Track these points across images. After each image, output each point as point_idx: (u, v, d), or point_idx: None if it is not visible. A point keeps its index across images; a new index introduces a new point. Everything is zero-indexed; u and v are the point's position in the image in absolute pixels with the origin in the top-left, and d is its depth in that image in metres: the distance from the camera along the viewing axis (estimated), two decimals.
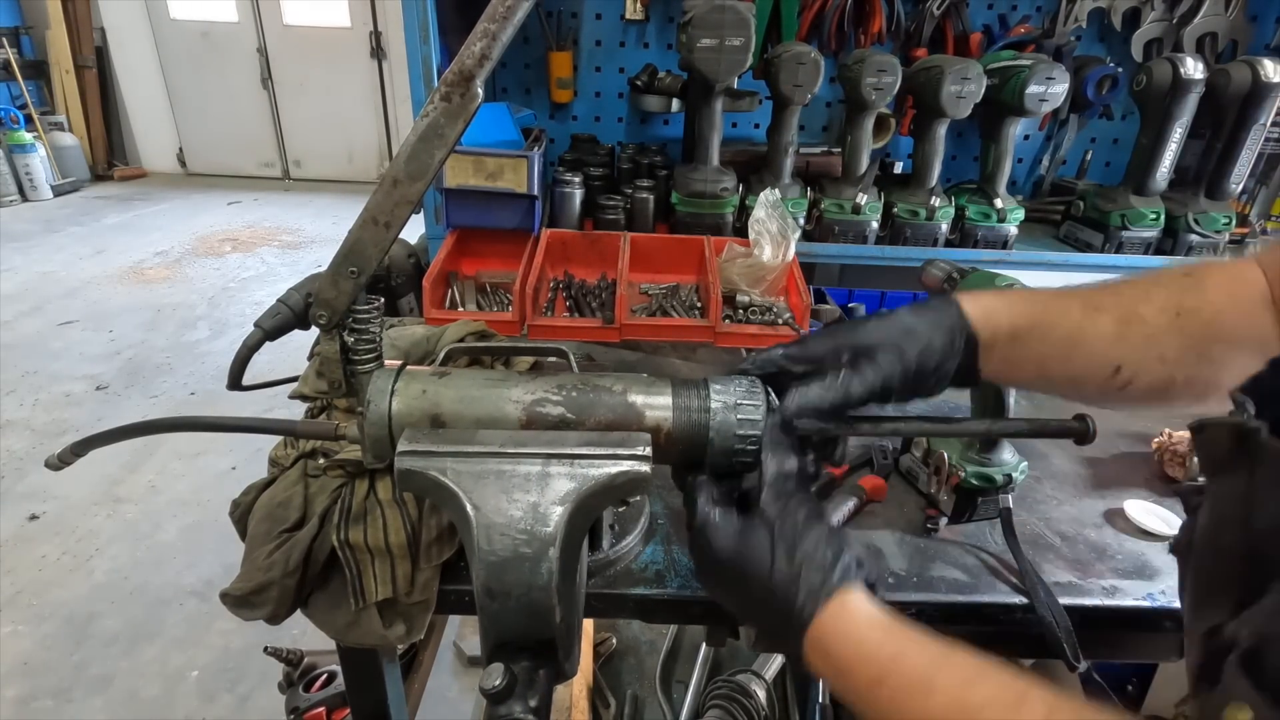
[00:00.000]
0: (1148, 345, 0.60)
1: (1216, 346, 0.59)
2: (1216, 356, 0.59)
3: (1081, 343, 0.61)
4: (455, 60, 0.58)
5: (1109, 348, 0.61)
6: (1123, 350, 0.61)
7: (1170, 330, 0.60)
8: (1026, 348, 0.63)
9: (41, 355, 3.72)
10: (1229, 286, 0.60)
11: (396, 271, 1.81)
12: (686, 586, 0.83)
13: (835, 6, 1.95)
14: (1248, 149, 1.77)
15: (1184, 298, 0.60)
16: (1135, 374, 0.61)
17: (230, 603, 0.75)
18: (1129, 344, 0.61)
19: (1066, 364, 0.62)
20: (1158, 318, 0.60)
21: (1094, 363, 0.61)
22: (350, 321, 0.69)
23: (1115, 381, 0.61)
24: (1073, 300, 0.63)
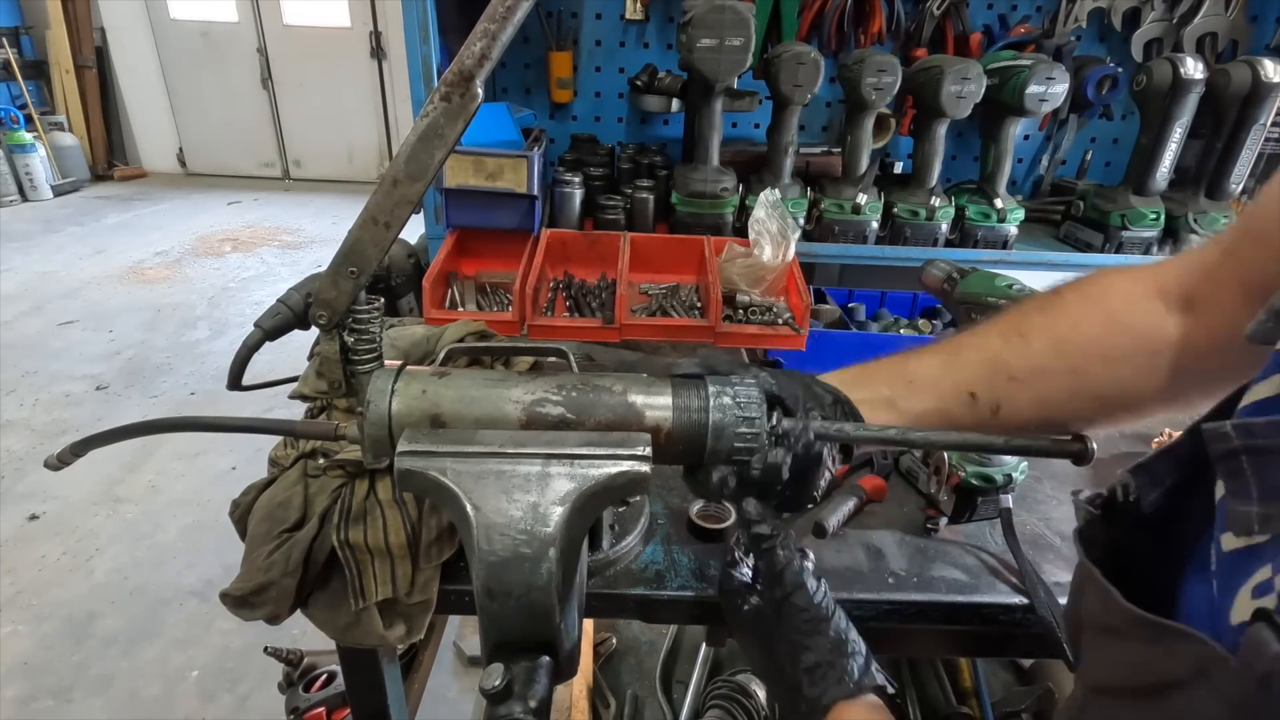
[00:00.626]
0: (989, 367, 0.62)
1: (1075, 357, 0.60)
2: (1081, 367, 0.59)
3: (916, 381, 0.63)
4: (455, 60, 0.58)
5: (943, 378, 0.63)
6: (960, 377, 0.62)
7: (1014, 350, 0.61)
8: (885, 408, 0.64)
9: (41, 355, 3.72)
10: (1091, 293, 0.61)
11: (396, 271, 1.81)
12: (686, 586, 0.83)
13: (835, 6, 1.95)
14: (1248, 149, 1.77)
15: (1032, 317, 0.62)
16: (998, 399, 0.61)
17: (230, 603, 0.75)
18: (965, 370, 0.62)
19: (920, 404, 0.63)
20: (994, 342, 0.63)
21: (944, 397, 0.63)
22: (350, 321, 0.69)
23: (981, 409, 0.62)
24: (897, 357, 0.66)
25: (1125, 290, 0.60)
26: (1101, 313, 0.60)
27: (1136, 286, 0.59)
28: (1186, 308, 0.57)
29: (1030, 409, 0.61)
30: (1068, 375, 0.60)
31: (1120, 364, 0.58)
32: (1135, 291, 0.59)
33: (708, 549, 0.88)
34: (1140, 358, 0.58)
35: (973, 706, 1.51)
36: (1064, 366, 0.60)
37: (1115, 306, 0.60)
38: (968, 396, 0.62)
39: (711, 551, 0.88)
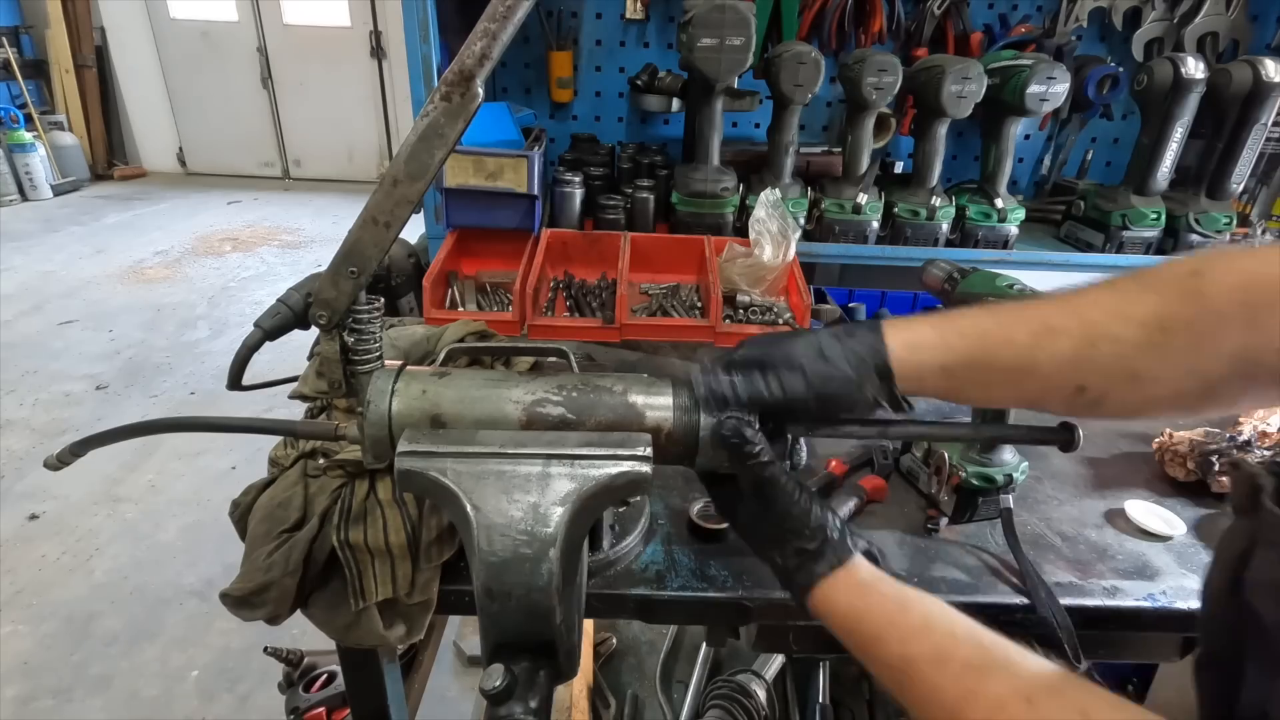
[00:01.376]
0: (1117, 363, 0.55)
1: (1210, 359, 0.53)
2: (1210, 369, 0.53)
3: (1032, 370, 0.58)
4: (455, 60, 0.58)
5: (1066, 372, 0.57)
6: (1085, 372, 0.56)
7: (1149, 346, 0.54)
8: (965, 381, 0.60)
9: (41, 355, 3.72)
10: (1240, 288, 0.52)
11: (396, 271, 1.81)
12: (687, 587, 0.83)
13: (836, 6, 1.95)
14: (1249, 149, 1.77)
15: (1175, 307, 0.54)
16: (1105, 392, 0.57)
17: (230, 603, 0.74)
18: (1093, 365, 0.56)
19: (1017, 390, 0.60)
20: (1135, 334, 0.54)
21: (1050, 387, 0.58)
22: (350, 321, 0.69)
23: (1081, 400, 0.57)
24: (1022, 324, 0.58)
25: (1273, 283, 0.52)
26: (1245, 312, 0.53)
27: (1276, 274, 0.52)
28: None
29: (1131, 404, 0.57)
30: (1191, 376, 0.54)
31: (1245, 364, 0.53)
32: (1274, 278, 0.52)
33: (708, 549, 0.88)
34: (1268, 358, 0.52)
35: None
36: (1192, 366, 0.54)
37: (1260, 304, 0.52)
38: (1074, 390, 0.57)
39: (712, 551, 0.88)
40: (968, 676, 0.51)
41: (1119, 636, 0.88)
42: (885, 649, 0.55)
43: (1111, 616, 0.83)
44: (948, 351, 0.59)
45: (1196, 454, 1.02)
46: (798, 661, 1.63)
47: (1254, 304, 0.52)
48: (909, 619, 0.56)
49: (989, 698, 0.49)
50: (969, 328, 0.59)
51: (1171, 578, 0.87)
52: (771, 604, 0.82)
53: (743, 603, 0.82)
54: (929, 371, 0.60)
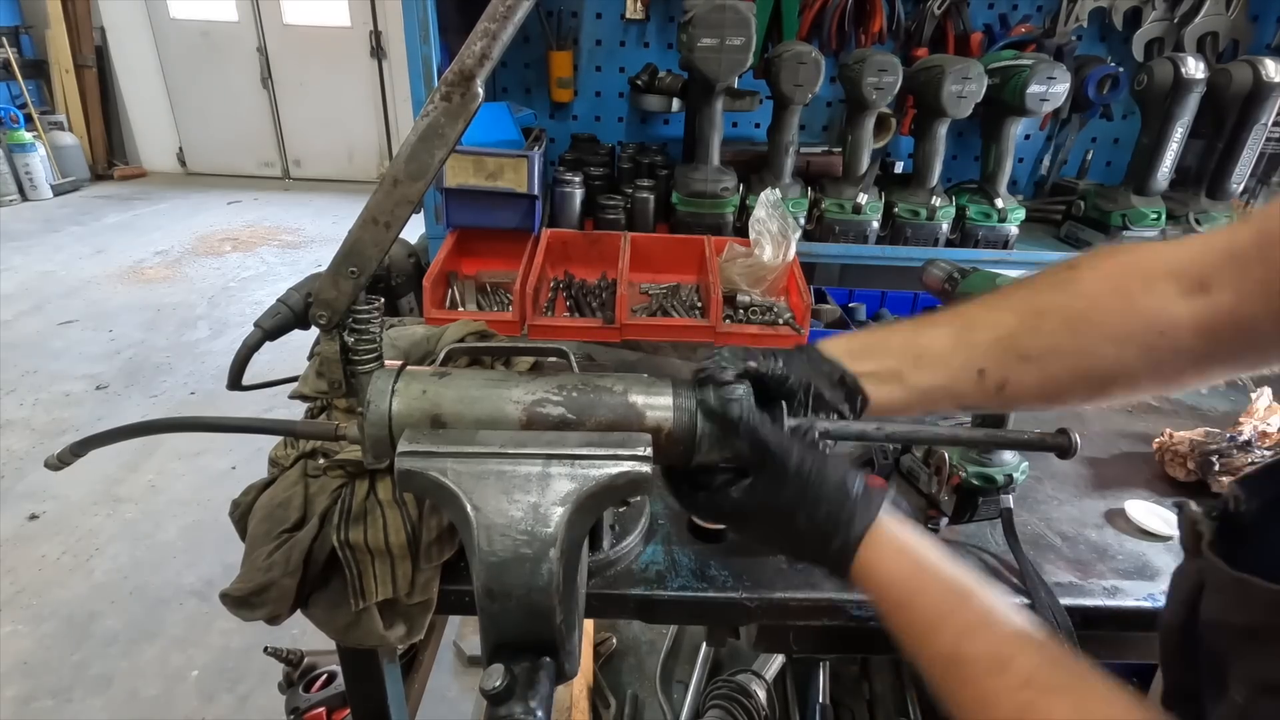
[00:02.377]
0: (1002, 346, 0.60)
1: (1087, 338, 0.58)
2: (1091, 348, 0.59)
3: (926, 356, 0.62)
4: (455, 60, 0.58)
5: (954, 355, 0.62)
6: (971, 355, 0.61)
7: (1027, 329, 0.60)
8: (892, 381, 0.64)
9: (41, 355, 3.72)
10: (1113, 276, 0.59)
11: (396, 271, 1.81)
12: (687, 587, 0.83)
13: (836, 6, 1.95)
14: (1249, 148, 1.77)
15: (1047, 294, 0.61)
16: (1005, 376, 0.61)
17: (230, 603, 0.74)
18: (977, 348, 0.61)
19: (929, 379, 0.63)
20: (1011, 318, 0.61)
21: (953, 373, 0.62)
22: (350, 321, 0.69)
23: (987, 386, 0.61)
24: (908, 326, 0.65)
25: (1143, 268, 0.59)
26: (1118, 294, 0.59)
27: (1154, 264, 0.59)
28: (1200, 288, 0.56)
29: (1034, 387, 0.61)
30: (1078, 355, 0.60)
31: (1129, 344, 0.58)
32: (1152, 269, 0.58)
33: (708, 549, 0.88)
34: (1148, 337, 0.57)
35: None
36: (1075, 347, 0.59)
37: (1132, 286, 0.59)
38: (976, 374, 0.61)
39: (712, 551, 0.88)
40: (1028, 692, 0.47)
41: (1119, 636, 0.88)
42: (937, 642, 0.51)
43: (1111, 616, 0.83)
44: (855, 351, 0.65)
45: (1196, 454, 1.02)
46: (798, 661, 1.63)
47: (1124, 288, 0.58)
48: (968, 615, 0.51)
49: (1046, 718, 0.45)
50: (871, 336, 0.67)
51: None
52: (771, 604, 0.82)
53: (743, 603, 0.82)
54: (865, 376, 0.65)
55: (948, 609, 0.52)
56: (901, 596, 0.54)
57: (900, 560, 0.55)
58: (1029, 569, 0.84)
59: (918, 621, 0.53)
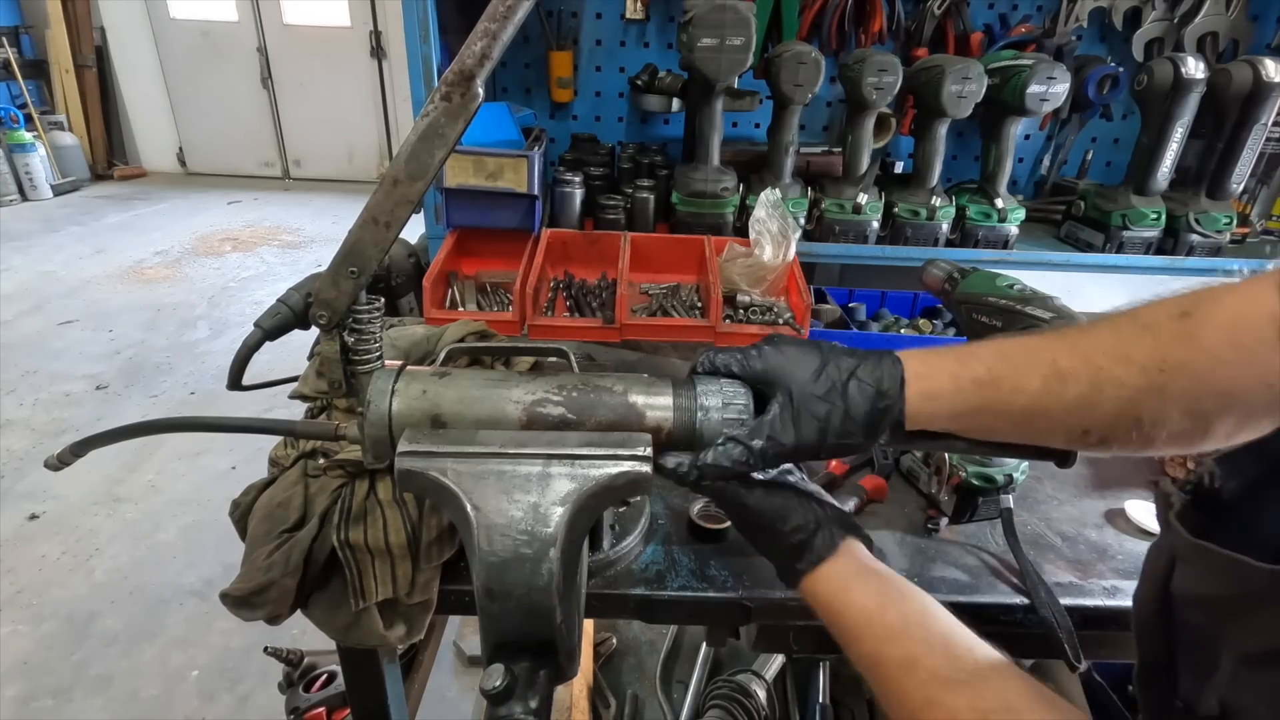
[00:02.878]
0: (1121, 409, 0.56)
1: (1206, 400, 0.54)
2: (1207, 409, 0.54)
3: (1041, 414, 0.58)
4: (455, 60, 0.58)
5: (1074, 416, 0.57)
6: (1091, 417, 0.57)
7: (1150, 390, 0.55)
8: (972, 425, 0.61)
9: (41, 355, 3.72)
10: (1230, 327, 0.53)
11: (396, 271, 1.81)
12: (687, 587, 0.83)
13: (835, 6, 1.95)
14: (1249, 149, 1.77)
15: (1171, 350, 0.54)
16: (1107, 435, 0.57)
17: (230, 603, 0.74)
18: (1099, 410, 0.56)
19: (1024, 431, 0.60)
20: (1136, 378, 0.55)
21: (1056, 428, 0.59)
22: (350, 321, 0.69)
23: (1085, 441, 0.59)
24: (1033, 370, 0.58)
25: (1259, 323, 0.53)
26: (1239, 353, 0.53)
27: (1261, 310, 0.53)
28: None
29: (1133, 447, 0.58)
30: (1193, 419, 0.55)
31: (1235, 405, 0.54)
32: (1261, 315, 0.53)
33: (708, 549, 0.88)
34: (1263, 398, 0.53)
35: None
36: (1192, 411, 0.55)
37: (1251, 344, 0.53)
38: (1081, 433, 0.58)
39: (712, 551, 0.88)
40: (931, 686, 0.53)
41: (1119, 636, 0.88)
42: (861, 646, 0.58)
43: (1111, 616, 0.83)
44: (962, 401, 0.59)
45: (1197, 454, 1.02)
46: (798, 661, 1.63)
47: (1242, 344, 0.53)
48: (886, 620, 0.57)
49: (947, 710, 0.51)
50: (984, 374, 0.59)
51: None
52: (771, 604, 0.82)
53: (743, 603, 0.82)
54: (939, 418, 0.60)
55: (866, 619, 0.58)
56: (831, 614, 0.61)
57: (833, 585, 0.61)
58: (1029, 569, 0.84)
59: (846, 630, 0.60)
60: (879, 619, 0.58)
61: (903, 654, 0.55)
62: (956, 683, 0.52)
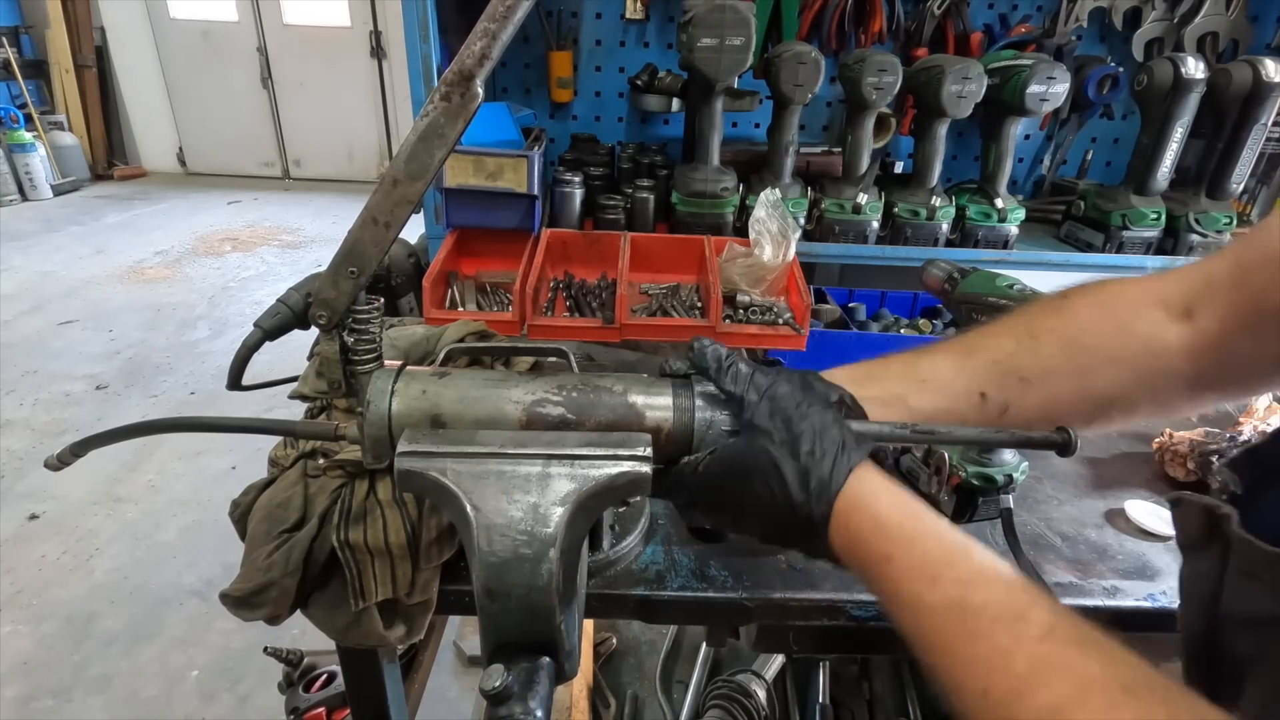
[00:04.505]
0: (1001, 369, 0.62)
1: (1081, 358, 0.60)
2: (1087, 367, 0.60)
3: (929, 381, 0.63)
4: (455, 60, 0.58)
5: (956, 379, 0.62)
6: (972, 379, 0.62)
7: (1023, 351, 0.62)
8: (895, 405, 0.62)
9: (41, 355, 3.72)
10: (1102, 303, 0.62)
11: (396, 271, 1.81)
12: (687, 587, 0.82)
13: (836, 6, 1.95)
14: (1249, 149, 1.77)
15: (1042, 319, 0.63)
16: (1007, 399, 0.62)
17: (230, 603, 0.74)
18: (978, 372, 0.62)
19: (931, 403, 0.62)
20: (1009, 341, 0.62)
21: (955, 397, 0.62)
22: (350, 321, 0.69)
23: (989, 409, 0.62)
24: (908, 355, 0.65)
25: (1131, 296, 0.62)
26: (1110, 317, 0.62)
27: (1141, 294, 0.62)
28: (1186, 316, 0.59)
29: (1036, 409, 0.62)
30: (1075, 377, 0.61)
31: (1124, 366, 0.60)
32: (1140, 298, 0.61)
33: (708, 549, 0.88)
34: (1142, 360, 0.60)
35: None
36: (1073, 368, 0.61)
37: (1122, 312, 0.61)
38: (978, 397, 0.62)
39: (712, 552, 0.88)
40: (1050, 644, 0.40)
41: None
42: (939, 590, 0.45)
43: (1111, 616, 0.83)
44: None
45: (1196, 454, 1.02)
46: (798, 661, 1.63)
47: (1117, 314, 0.61)
48: (974, 562, 0.46)
49: (1078, 676, 0.39)
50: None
51: (1171, 578, 0.87)
52: (771, 604, 0.82)
53: (743, 603, 0.82)
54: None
55: (948, 558, 0.46)
56: (896, 542, 0.48)
57: (895, 503, 0.50)
58: (1029, 569, 0.84)
59: (914, 570, 0.47)
60: (963, 560, 0.46)
61: (1003, 603, 0.43)
62: (1087, 645, 0.41)
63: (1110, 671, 0.39)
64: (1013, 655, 0.41)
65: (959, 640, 0.43)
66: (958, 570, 0.45)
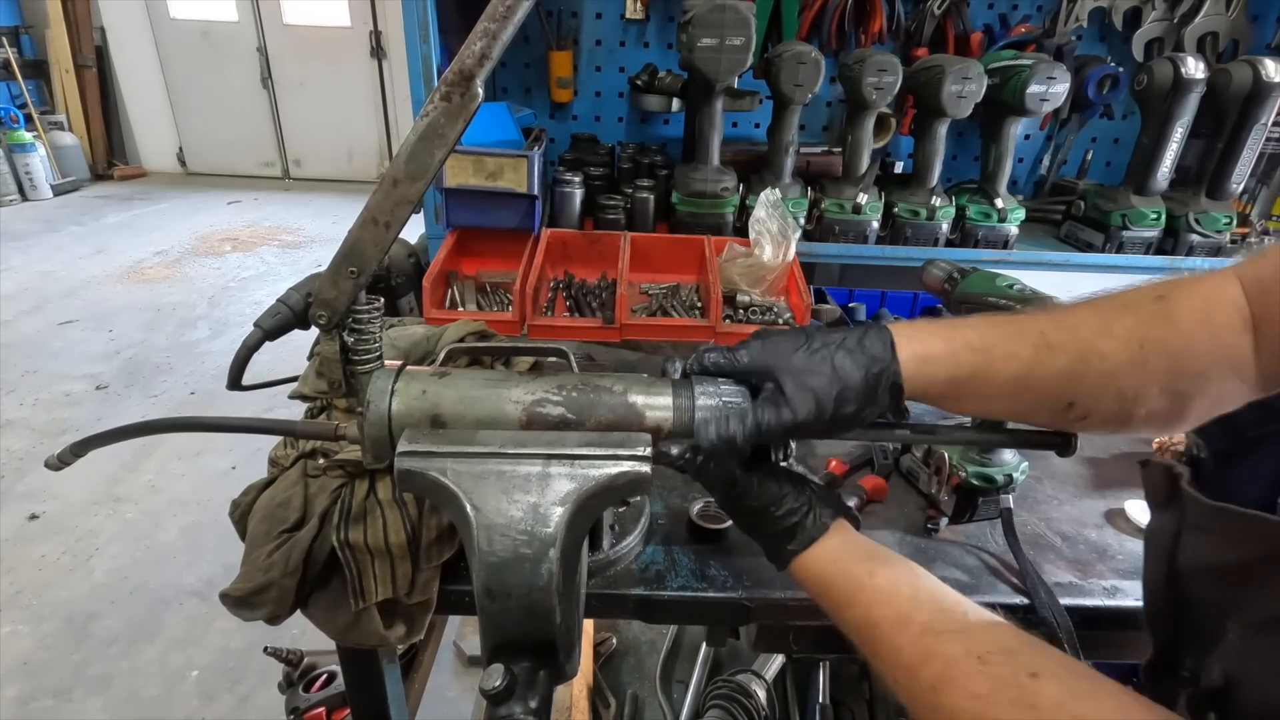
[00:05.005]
0: (1104, 381, 0.57)
1: (1183, 379, 0.56)
2: (1183, 388, 0.56)
3: (1030, 385, 0.59)
4: (455, 60, 0.58)
5: (1061, 387, 0.59)
6: (1077, 388, 0.58)
7: (1131, 365, 0.57)
8: (966, 392, 0.60)
9: (41, 355, 3.72)
10: (1203, 311, 0.57)
11: (396, 271, 1.81)
12: (687, 587, 0.82)
13: (836, 6, 1.95)
14: (1249, 149, 1.77)
15: (1150, 329, 0.57)
16: (1090, 409, 0.59)
17: (230, 603, 0.74)
18: (1084, 382, 0.58)
19: (1014, 402, 0.60)
20: (1119, 352, 0.57)
21: (1044, 401, 0.60)
22: (350, 321, 0.69)
23: (1069, 415, 0.60)
24: (1024, 339, 0.59)
25: (1226, 304, 0.57)
26: (1212, 333, 0.56)
27: (1231, 300, 0.57)
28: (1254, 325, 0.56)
29: (1113, 421, 0.59)
30: (1169, 396, 0.57)
31: (1212, 384, 0.57)
32: (1234, 305, 0.56)
33: (708, 549, 0.88)
34: (1232, 382, 0.56)
35: None
36: (1171, 388, 0.57)
37: (1222, 325, 0.56)
38: (1067, 405, 0.59)
39: (712, 551, 0.88)
40: (926, 638, 0.53)
41: (1119, 636, 0.88)
42: (853, 612, 0.58)
43: (1111, 616, 0.83)
44: (956, 365, 0.59)
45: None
46: (798, 661, 1.63)
47: (1213, 326, 0.56)
48: (876, 584, 0.58)
49: (943, 657, 0.51)
50: (976, 340, 0.59)
51: None
52: (771, 604, 0.82)
53: (743, 603, 0.82)
54: (935, 384, 0.60)
55: (857, 585, 0.59)
56: (821, 586, 0.62)
57: (823, 562, 0.62)
58: (1029, 569, 0.84)
59: (837, 600, 0.60)
60: (869, 583, 0.58)
61: (893, 613, 0.55)
62: (950, 631, 0.52)
63: (969, 649, 0.50)
64: (902, 650, 0.53)
65: (871, 647, 0.56)
66: (864, 593, 0.58)
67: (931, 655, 0.51)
